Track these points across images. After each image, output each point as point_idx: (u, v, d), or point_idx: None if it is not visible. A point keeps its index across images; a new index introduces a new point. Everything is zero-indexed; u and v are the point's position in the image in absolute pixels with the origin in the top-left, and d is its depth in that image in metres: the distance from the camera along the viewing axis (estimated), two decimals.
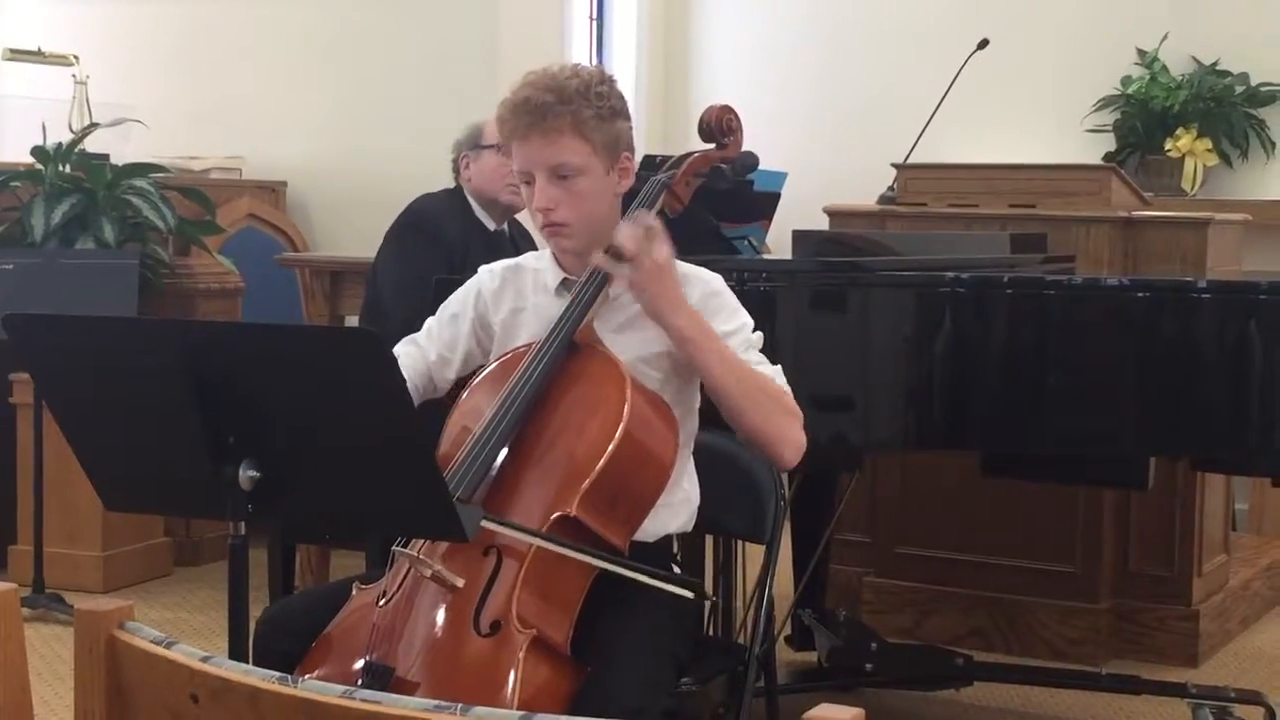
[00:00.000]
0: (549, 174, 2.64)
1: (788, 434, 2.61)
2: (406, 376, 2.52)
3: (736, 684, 2.78)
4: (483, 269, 2.89)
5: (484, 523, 2.35)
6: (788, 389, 2.64)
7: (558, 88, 2.62)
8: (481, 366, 2.76)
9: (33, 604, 4.89)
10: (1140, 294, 3.55)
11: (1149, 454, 3.79)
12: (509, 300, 2.80)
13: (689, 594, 2.56)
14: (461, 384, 2.78)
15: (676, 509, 2.70)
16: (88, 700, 1.62)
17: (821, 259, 4.09)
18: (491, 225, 4.47)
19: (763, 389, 2.60)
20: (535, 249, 4.44)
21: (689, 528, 2.76)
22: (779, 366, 2.67)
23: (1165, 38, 6.87)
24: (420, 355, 2.83)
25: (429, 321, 2.88)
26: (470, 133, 4.48)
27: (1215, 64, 6.89)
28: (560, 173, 2.64)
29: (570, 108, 2.61)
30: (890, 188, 5.12)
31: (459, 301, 2.86)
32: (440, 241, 4.28)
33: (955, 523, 4.78)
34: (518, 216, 4.57)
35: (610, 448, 2.45)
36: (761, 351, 2.68)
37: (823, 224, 5.03)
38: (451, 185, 4.55)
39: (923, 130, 5.30)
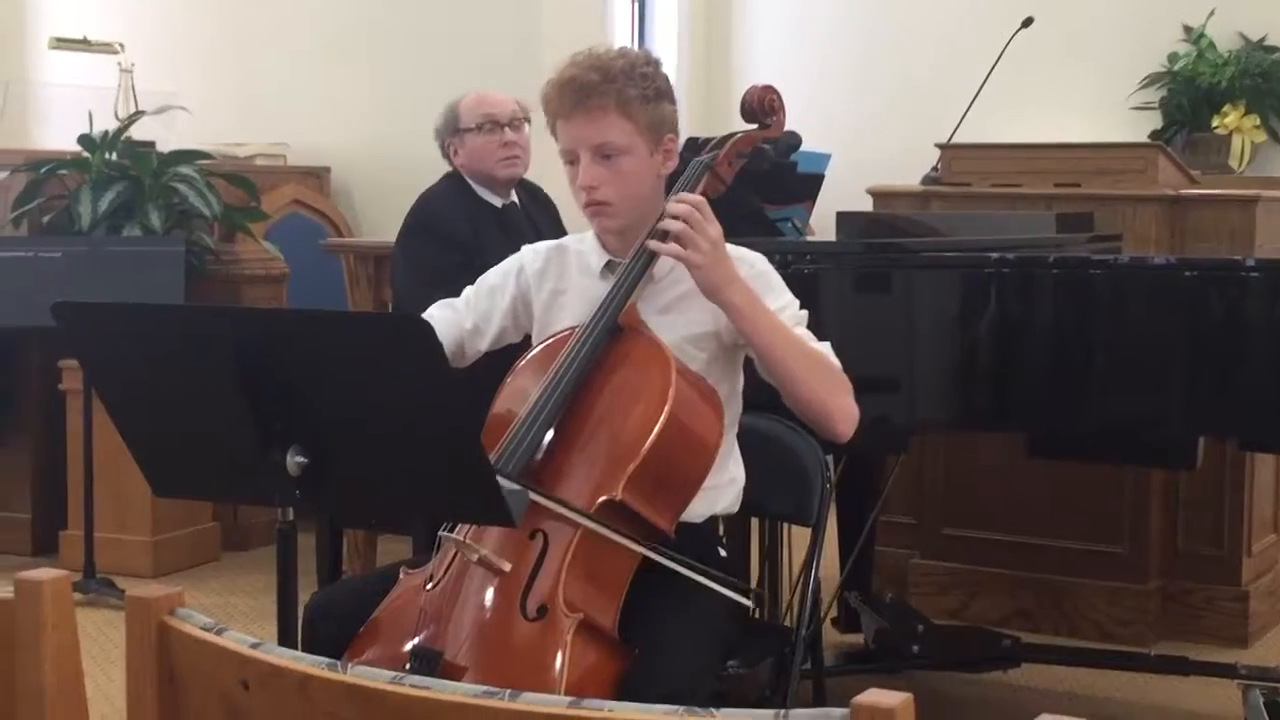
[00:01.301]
0: (593, 153, 2.65)
1: (843, 404, 2.61)
2: None
3: (783, 666, 2.78)
4: (526, 248, 2.89)
5: (533, 496, 2.36)
6: (838, 362, 2.64)
7: (603, 67, 2.63)
8: (526, 349, 2.76)
9: (84, 589, 4.94)
10: (1188, 273, 3.52)
11: (1197, 434, 3.76)
12: (551, 280, 2.80)
13: (737, 596, 2.56)
14: (503, 364, 2.77)
15: (723, 490, 2.71)
16: (139, 685, 1.64)
17: (866, 240, 4.08)
18: (498, 202, 4.34)
19: (816, 360, 2.61)
20: (550, 213, 4.43)
21: (735, 509, 2.77)
22: (827, 343, 2.67)
23: (1212, 14, 6.83)
24: (455, 321, 2.84)
25: (466, 290, 2.89)
26: (447, 118, 4.38)
27: (1263, 40, 6.84)
28: (604, 152, 2.64)
29: (615, 86, 2.62)
30: (934, 168, 5.10)
31: (500, 274, 2.87)
32: (448, 239, 4.16)
33: (1002, 504, 4.76)
34: (541, 187, 4.51)
35: (655, 431, 2.45)
36: (807, 329, 2.68)
37: (867, 205, 5.01)
38: (449, 169, 4.44)
39: (967, 110, 5.27)
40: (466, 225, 4.21)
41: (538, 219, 4.37)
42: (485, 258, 4.00)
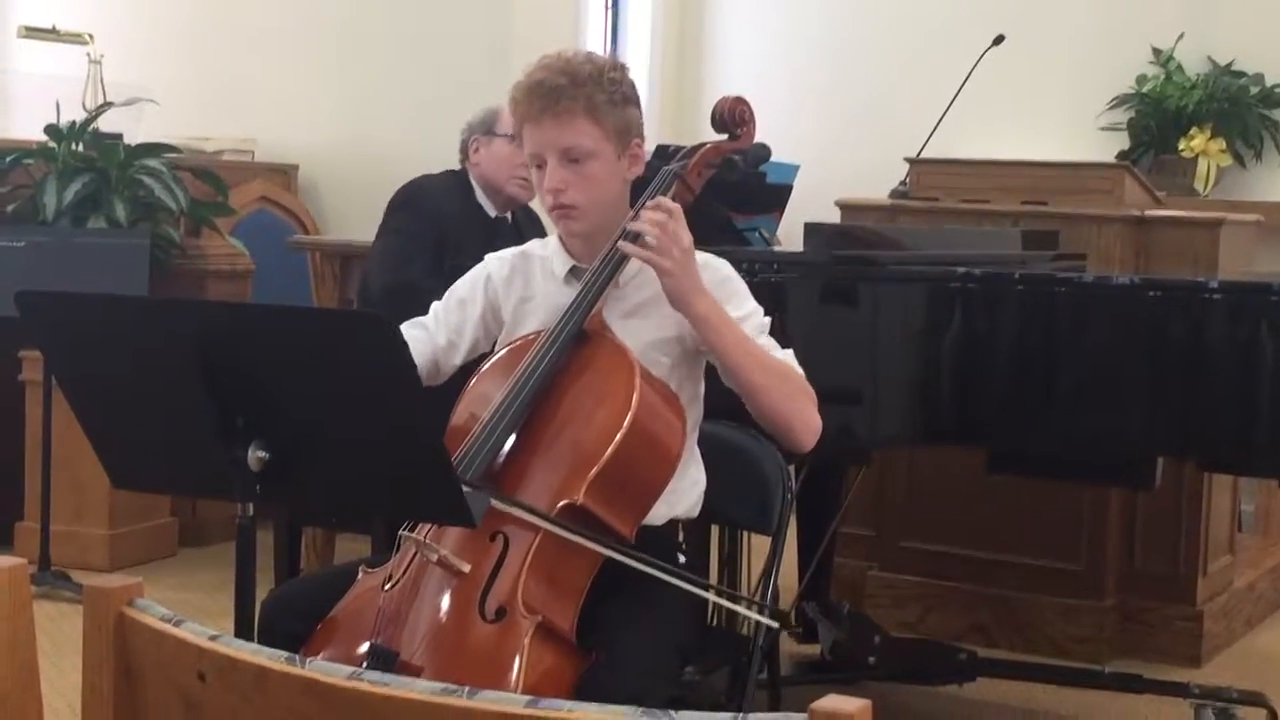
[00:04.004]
0: (560, 156, 2.65)
1: (805, 415, 2.63)
2: None
3: (740, 674, 2.78)
4: (490, 256, 2.89)
5: (494, 502, 2.36)
6: (801, 372, 2.65)
7: (571, 71, 2.64)
8: (489, 354, 2.76)
9: (38, 581, 4.90)
10: (1151, 293, 3.54)
11: (1156, 453, 3.78)
12: (518, 288, 2.80)
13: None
14: (468, 369, 2.78)
15: (684, 493, 2.71)
16: (95, 677, 1.63)
17: (833, 252, 4.08)
18: (493, 212, 4.36)
19: (780, 372, 2.62)
20: (540, 235, 4.42)
21: (695, 512, 2.77)
22: (790, 351, 2.68)
23: (1181, 37, 6.87)
24: (428, 340, 2.82)
25: (435, 306, 2.88)
26: (485, 117, 4.38)
27: (1230, 64, 6.89)
28: (571, 155, 2.65)
29: (583, 91, 2.63)
30: (903, 182, 5.12)
31: (467, 286, 2.86)
32: (432, 215, 4.18)
33: (960, 518, 4.78)
34: (531, 205, 4.52)
35: (618, 436, 2.45)
36: (771, 337, 2.69)
37: (835, 217, 5.03)
38: (455, 167, 4.45)
39: (936, 125, 5.30)
40: (454, 221, 4.21)
41: (527, 236, 4.36)
42: (456, 259, 4.00)
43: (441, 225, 4.16)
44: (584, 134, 2.64)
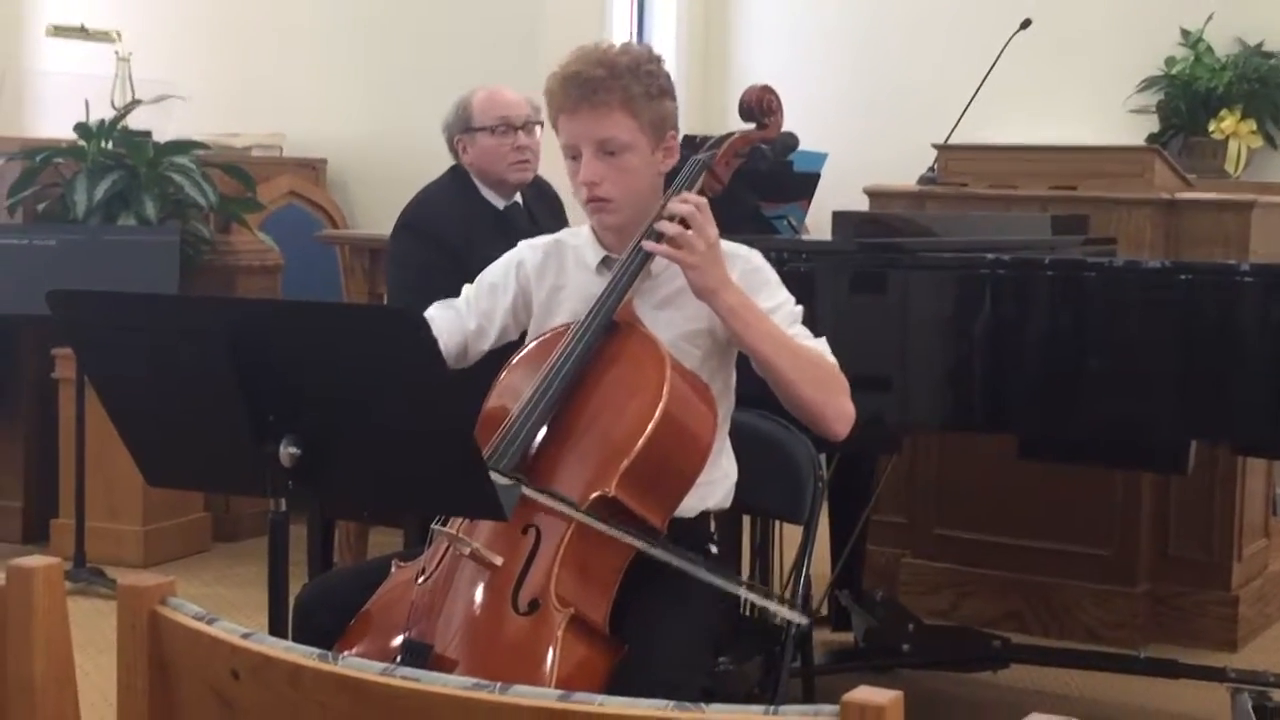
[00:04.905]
0: (596, 148, 2.65)
1: (838, 404, 2.62)
2: (440, 341, 2.43)
3: (773, 664, 2.78)
4: (523, 243, 2.88)
5: (526, 491, 2.37)
6: (834, 360, 2.65)
7: (608, 63, 2.63)
8: (520, 345, 2.76)
9: (74, 578, 4.93)
10: (1182, 277, 3.53)
11: (1189, 438, 3.76)
12: (550, 276, 2.80)
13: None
14: (496, 358, 2.78)
15: (715, 486, 2.71)
16: (129, 675, 1.63)
17: (861, 240, 4.08)
18: (501, 203, 4.26)
19: (811, 361, 2.61)
20: (553, 209, 4.40)
21: (727, 504, 2.77)
22: (824, 339, 2.67)
23: (1210, 18, 6.83)
24: (459, 322, 2.83)
25: (466, 289, 2.88)
26: (458, 114, 4.27)
27: (1260, 45, 6.85)
28: (607, 148, 2.64)
29: (620, 83, 2.62)
30: (931, 168, 5.10)
31: (499, 272, 2.86)
32: (438, 241, 4.07)
33: (993, 505, 4.77)
34: (548, 180, 4.46)
35: (649, 428, 2.45)
36: (803, 325, 2.69)
37: (863, 204, 5.01)
38: (453, 164, 4.33)
39: (964, 111, 5.28)
40: (460, 227, 4.11)
41: (540, 217, 4.32)
42: (475, 262, 3.98)
43: (448, 246, 4.08)
44: (620, 126, 2.63)
